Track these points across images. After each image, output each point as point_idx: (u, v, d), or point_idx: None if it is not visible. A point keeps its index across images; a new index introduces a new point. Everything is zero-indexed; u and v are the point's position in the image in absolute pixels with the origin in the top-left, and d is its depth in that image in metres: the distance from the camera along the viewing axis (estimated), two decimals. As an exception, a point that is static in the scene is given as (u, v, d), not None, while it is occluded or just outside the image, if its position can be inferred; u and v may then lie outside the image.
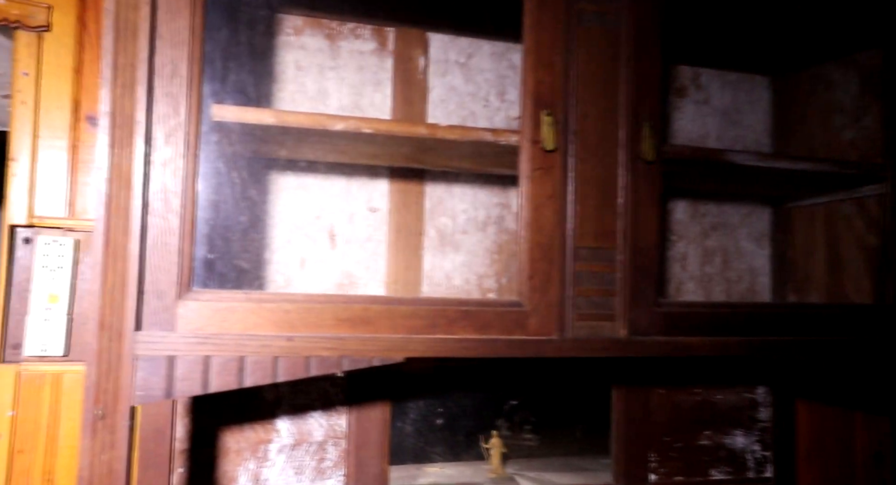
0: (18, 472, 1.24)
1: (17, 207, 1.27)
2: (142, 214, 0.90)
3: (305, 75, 1.37)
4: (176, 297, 0.91)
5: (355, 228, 1.39)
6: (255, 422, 1.33)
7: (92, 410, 0.87)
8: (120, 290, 0.89)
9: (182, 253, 0.92)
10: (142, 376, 0.89)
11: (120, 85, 0.89)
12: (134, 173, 0.90)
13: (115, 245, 0.89)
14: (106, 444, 0.87)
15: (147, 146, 0.91)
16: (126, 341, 0.88)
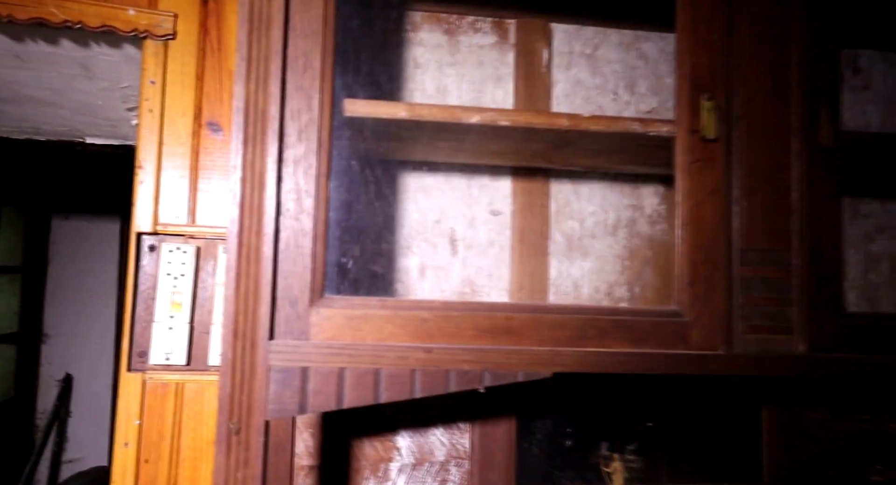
0: (144, 482, 1.22)
1: (143, 214, 1.27)
2: (275, 215, 0.85)
3: (424, 73, 1.30)
4: (309, 303, 0.85)
5: (477, 232, 1.30)
6: (375, 438, 1.26)
7: (226, 423, 0.82)
8: (253, 296, 0.83)
9: (315, 256, 0.85)
10: (275, 388, 0.83)
11: (254, 79, 0.85)
12: (267, 172, 0.85)
13: (248, 248, 0.84)
14: (240, 461, 0.81)
15: (280, 143, 0.85)
16: (260, 351, 0.83)
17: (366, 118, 0.95)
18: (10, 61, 1.40)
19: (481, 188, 1.31)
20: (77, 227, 4.18)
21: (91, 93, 1.58)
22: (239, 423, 0.82)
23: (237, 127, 0.84)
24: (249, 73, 0.85)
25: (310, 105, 0.86)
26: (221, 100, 1.32)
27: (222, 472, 0.81)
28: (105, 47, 1.36)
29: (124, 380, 1.24)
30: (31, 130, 1.83)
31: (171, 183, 1.29)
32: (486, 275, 1.30)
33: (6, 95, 1.58)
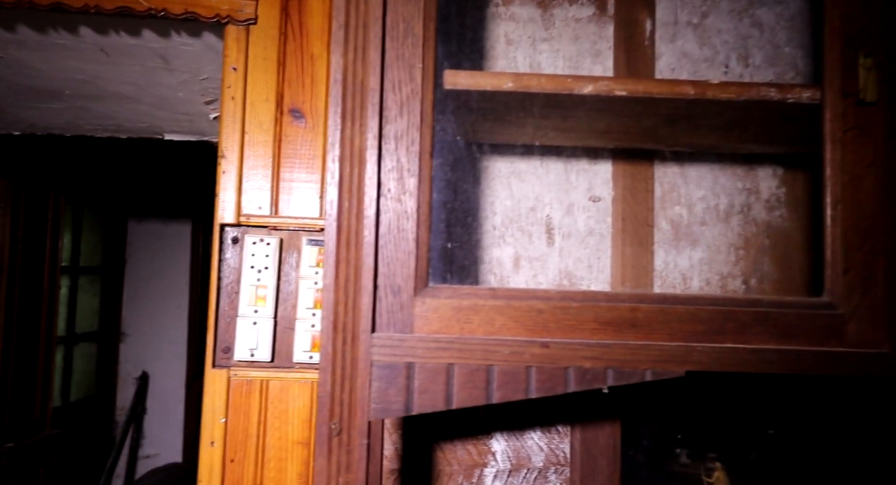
0: (230, 481, 1.18)
1: (226, 205, 1.23)
2: (376, 196, 0.77)
3: (516, 49, 1.21)
4: (413, 293, 0.77)
5: (575, 220, 1.20)
6: (468, 441, 1.17)
7: (327, 424, 0.75)
8: (354, 284, 0.76)
9: (419, 241, 0.78)
10: (378, 386, 0.76)
11: (352, 48, 0.78)
12: (367, 149, 0.77)
13: (348, 232, 0.77)
14: (342, 465, 0.74)
15: (380, 117, 0.78)
16: (362, 345, 0.76)
17: (467, 91, 0.87)
18: (96, 55, 1.40)
19: (579, 173, 1.21)
20: (151, 229, 4.29)
21: (171, 86, 1.56)
22: (340, 423, 0.75)
23: (335, 101, 0.78)
24: (347, 42, 0.78)
25: (411, 75, 0.79)
26: (303, 85, 1.26)
27: (323, 476, 0.74)
28: (185, 37, 1.33)
29: (209, 377, 1.20)
30: (113, 127, 1.84)
31: (253, 173, 1.24)
32: (586, 266, 1.20)
33: (91, 92, 1.59)
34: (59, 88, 1.57)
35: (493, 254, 1.20)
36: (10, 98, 1.62)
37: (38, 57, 1.41)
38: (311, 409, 1.22)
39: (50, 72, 1.48)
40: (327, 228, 0.77)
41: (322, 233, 1.25)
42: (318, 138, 1.26)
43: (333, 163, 0.77)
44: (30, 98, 1.62)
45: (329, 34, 1.28)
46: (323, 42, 1.28)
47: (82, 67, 1.46)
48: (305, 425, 1.21)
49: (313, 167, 1.25)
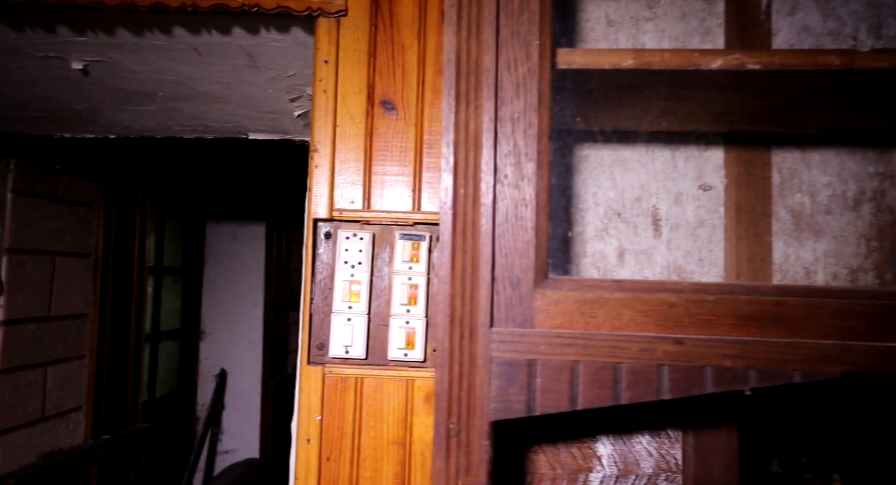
0: (326, 480, 1.16)
1: (319, 200, 1.21)
2: (493, 182, 0.73)
3: (617, 31, 1.15)
4: (533, 285, 0.72)
5: (684, 210, 1.13)
6: (572, 444, 1.11)
7: (445, 424, 0.71)
8: (471, 276, 0.72)
9: (538, 230, 0.73)
10: (498, 384, 0.71)
11: (465, 26, 0.74)
12: (483, 132, 0.73)
13: (464, 221, 0.72)
14: (461, 467, 0.70)
15: (496, 99, 0.73)
16: (480, 340, 0.71)
17: (580, 71, 0.81)
18: (189, 55, 1.41)
19: (688, 160, 1.13)
20: (227, 230, 4.41)
21: (258, 84, 1.57)
22: (459, 424, 0.70)
23: (448, 82, 0.74)
24: (460, 19, 0.74)
25: (527, 54, 0.74)
26: (394, 76, 1.24)
27: (442, 478, 0.70)
28: (274, 33, 1.33)
29: (304, 373, 1.18)
30: (200, 128, 1.88)
31: (345, 167, 1.22)
32: (696, 259, 1.12)
33: (182, 93, 1.62)
34: (153, 90, 1.61)
35: (596, 247, 1.13)
36: (108, 101, 1.67)
37: (134, 59, 1.44)
38: (405, 408, 1.19)
39: (145, 74, 1.52)
40: (442, 217, 0.73)
41: (415, 227, 1.22)
42: (409, 130, 1.23)
43: (447, 147, 0.73)
44: (125, 101, 1.67)
45: (419, 23, 1.25)
46: (413, 31, 1.25)
47: (175, 68, 1.49)
48: (400, 425, 1.18)
49: (405, 160, 1.22)
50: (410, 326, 1.19)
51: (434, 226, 1.23)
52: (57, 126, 1.88)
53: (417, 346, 1.18)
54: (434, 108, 1.23)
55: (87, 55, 1.43)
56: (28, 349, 2.25)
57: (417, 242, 1.21)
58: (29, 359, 2.25)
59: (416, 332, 1.19)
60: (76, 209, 2.51)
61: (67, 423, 2.47)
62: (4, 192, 2.14)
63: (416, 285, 1.20)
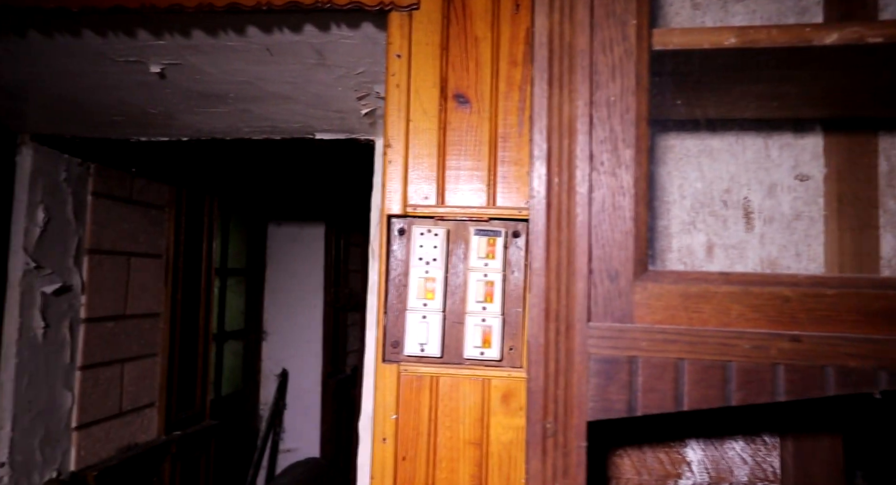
0: (402, 480, 1.14)
1: (392, 196, 1.20)
2: (588, 169, 0.69)
3: (704, 13, 1.09)
4: (632, 278, 0.68)
5: (778, 202, 1.06)
6: (658, 447, 1.06)
7: (540, 423, 0.67)
8: (566, 268, 0.68)
9: (637, 220, 0.68)
10: (596, 382, 0.67)
11: (557, 7, 0.70)
12: (578, 118, 0.69)
13: (558, 211, 0.69)
14: (558, 469, 0.66)
15: (590, 82, 0.70)
16: (577, 336, 0.68)
17: (679, 52, 0.76)
18: (261, 55, 1.43)
19: (783, 148, 1.06)
20: (288, 232, 4.49)
21: (326, 83, 1.58)
22: (556, 423, 0.67)
23: (540, 65, 0.70)
24: (552, 1, 0.71)
25: (624, 34, 0.70)
26: (467, 69, 1.21)
27: (538, 480, 0.67)
28: (345, 29, 1.32)
29: (380, 371, 1.17)
30: (269, 128, 1.91)
31: (418, 162, 1.20)
32: (793, 254, 1.05)
33: (253, 94, 1.64)
34: (225, 92, 1.64)
35: (683, 241, 1.08)
36: (182, 104, 1.72)
37: (208, 61, 1.47)
38: (482, 408, 1.16)
39: (218, 75, 1.54)
40: (535, 207, 0.70)
41: (490, 223, 1.19)
42: (483, 124, 1.20)
43: (540, 134, 0.70)
44: (198, 103, 1.70)
45: (492, 14, 1.22)
46: (486, 22, 1.22)
47: (247, 69, 1.51)
48: (477, 425, 1.15)
49: (479, 154, 1.20)
50: (486, 324, 1.16)
51: (510, 222, 1.19)
52: (133, 130, 1.94)
53: (494, 344, 1.15)
54: (508, 101, 1.20)
55: (165, 58, 1.46)
56: (106, 346, 2.33)
57: (493, 238, 1.18)
58: (107, 356, 2.33)
59: (492, 330, 1.16)
60: (149, 211, 2.59)
61: (142, 418, 2.55)
62: (85, 195, 2.23)
63: (492, 282, 1.17)
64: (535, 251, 0.69)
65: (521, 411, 1.15)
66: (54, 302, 2.08)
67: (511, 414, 1.15)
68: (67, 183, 2.13)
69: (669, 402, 0.67)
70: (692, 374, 0.67)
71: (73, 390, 2.17)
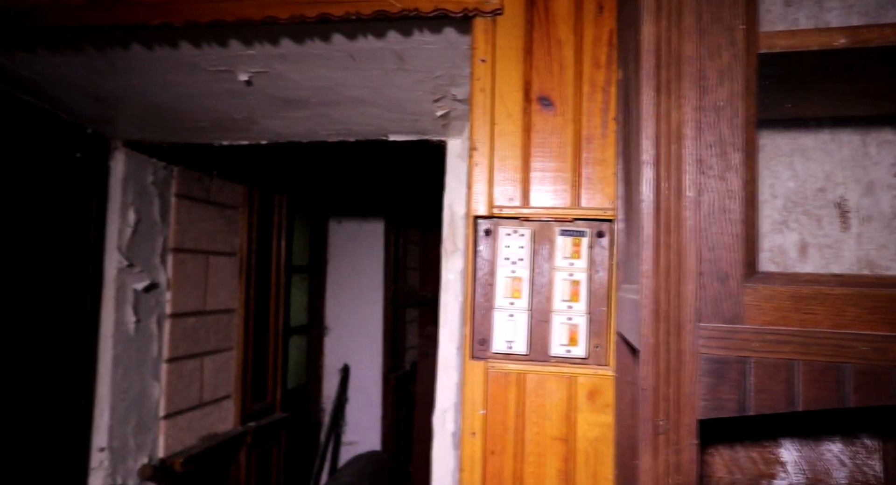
0: (491, 474, 1.18)
1: (478, 197, 1.23)
2: (697, 173, 0.70)
3: (797, 10, 1.08)
4: (742, 279, 0.69)
5: (877, 201, 1.04)
6: (751, 447, 1.06)
7: (651, 420, 0.69)
8: (675, 270, 0.70)
9: (746, 222, 0.70)
10: (707, 382, 0.69)
11: (664, 15, 0.72)
12: (686, 123, 0.71)
13: (667, 214, 0.71)
14: (671, 466, 0.68)
15: (698, 88, 0.71)
16: (687, 336, 0.69)
17: (784, 54, 0.77)
18: (344, 62, 1.48)
19: (882, 145, 1.04)
20: (348, 229, 4.59)
21: (404, 87, 1.62)
22: (667, 421, 0.69)
23: (647, 73, 0.72)
24: (659, 9, 0.72)
25: (732, 39, 0.71)
26: (551, 72, 1.23)
27: (650, 475, 0.69)
28: (427, 34, 1.36)
29: (468, 368, 1.21)
30: (344, 131, 1.97)
31: (503, 164, 1.23)
32: (893, 253, 1.03)
33: (332, 98, 1.70)
34: (306, 97, 1.70)
35: (775, 241, 1.07)
36: (265, 110, 1.79)
37: (293, 68, 1.53)
38: (568, 405, 1.18)
39: (301, 82, 1.61)
40: (644, 210, 0.72)
41: (575, 223, 1.21)
42: (567, 126, 1.22)
43: (648, 140, 0.72)
44: (281, 108, 1.78)
45: (575, 17, 1.23)
46: (569, 25, 1.24)
47: (329, 75, 1.56)
48: (563, 422, 1.18)
49: (563, 156, 1.22)
50: (573, 323, 1.18)
51: (594, 222, 1.21)
52: (216, 134, 2.03)
53: (580, 342, 1.17)
54: (592, 103, 1.22)
55: (253, 67, 1.53)
56: (188, 341, 2.45)
57: (578, 238, 1.20)
58: (189, 349, 2.46)
59: (578, 328, 1.18)
60: (224, 211, 2.70)
61: (220, 410, 2.67)
62: (169, 196, 2.35)
63: (578, 282, 1.19)
64: (644, 254, 0.71)
65: (607, 409, 1.16)
66: (144, 298, 2.21)
67: (597, 411, 1.17)
68: (154, 185, 2.25)
69: (782, 402, 0.68)
70: (806, 375, 0.67)
71: (160, 382, 2.30)
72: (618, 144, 1.17)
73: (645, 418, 0.70)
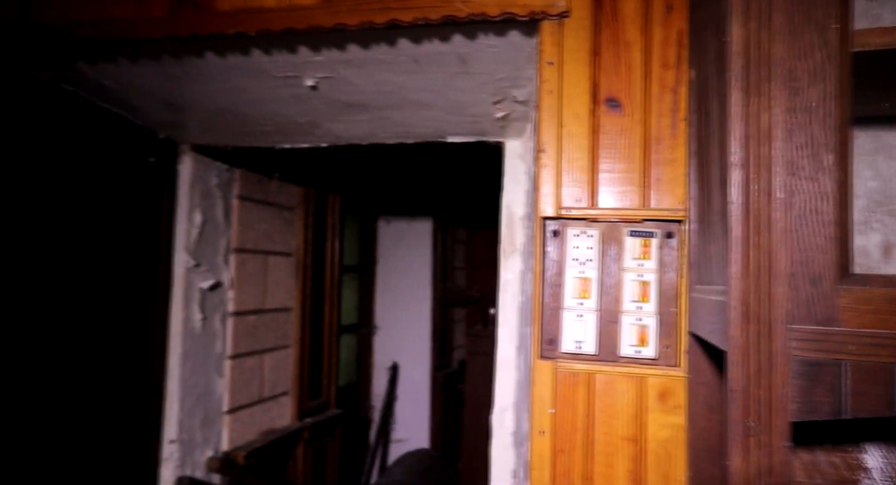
0: (560, 472, 1.19)
1: (546, 199, 1.24)
2: (787, 175, 0.70)
3: (881, 5, 1.05)
4: (835, 281, 0.69)
5: (965, 200, 1.01)
6: (831, 451, 1.04)
7: (741, 422, 0.69)
8: (766, 272, 0.70)
9: (839, 224, 0.69)
10: (800, 384, 0.69)
11: (753, 16, 0.72)
12: (775, 125, 0.71)
13: (756, 216, 0.71)
14: (763, 468, 0.68)
15: (788, 89, 0.71)
16: (778, 338, 0.69)
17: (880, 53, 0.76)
18: (408, 66, 1.51)
19: (970, 143, 1.01)
20: (397, 228, 4.64)
21: (465, 90, 1.64)
22: (758, 422, 0.69)
23: (735, 75, 0.72)
24: (748, 10, 0.72)
25: (825, 39, 0.70)
26: (618, 73, 1.23)
27: (740, 478, 0.69)
28: (492, 37, 1.37)
29: (536, 367, 1.22)
30: (403, 134, 2.00)
31: (570, 166, 1.24)
32: (983, 255, 1.00)
33: (394, 102, 1.73)
34: (368, 101, 1.74)
35: (856, 242, 1.05)
36: (328, 114, 1.84)
37: (358, 73, 1.57)
38: (637, 405, 1.18)
39: (365, 86, 1.65)
40: (731, 212, 0.72)
41: (644, 224, 1.21)
42: (635, 127, 1.22)
43: (736, 142, 0.72)
44: (343, 112, 1.82)
45: (643, 18, 1.23)
46: (637, 26, 1.23)
47: (393, 79, 1.60)
48: (633, 422, 1.18)
49: (632, 157, 1.22)
50: (642, 323, 1.18)
51: (663, 223, 1.21)
52: (279, 138, 2.09)
53: (650, 343, 1.17)
54: (661, 103, 1.21)
55: (320, 72, 1.58)
56: (249, 338, 2.53)
57: (647, 238, 1.20)
58: (250, 346, 2.53)
59: (648, 329, 1.18)
60: (282, 212, 2.78)
61: (278, 405, 2.74)
62: (231, 198, 2.43)
63: (647, 282, 1.19)
64: (733, 256, 0.71)
65: (678, 410, 1.16)
66: (209, 297, 2.29)
67: (668, 412, 1.17)
68: (218, 188, 2.33)
69: (882, 406, 0.67)
70: (903, 378, 0.66)
71: (223, 378, 2.38)
72: (689, 145, 1.16)
73: (734, 420, 0.70)
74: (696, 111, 1.11)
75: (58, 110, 1.69)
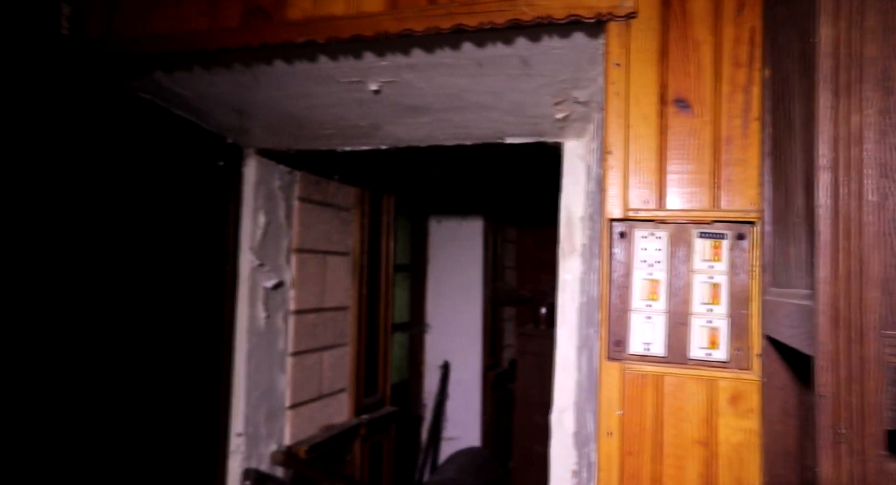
0: (628, 474, 1.19)
1: (613, 200, 1.24)
2: (879, 177, 0.69)
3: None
4: (931, 287, 0.67)
5: None
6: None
7: (830, 428, 0.68)
8: (856, 276, 0.69)
9: (936, 228, 0.67)
10: (894, 391, 0.67)
11: (844, 16, 0.71)
12: (867, 126, 0.69)
13: (846, 219, 0.70)
14: (855, 477, 0.67)
15: (882, 90, 0.69)
16: (871, 344, 0.68)
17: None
18: (470, 69, 1.53)
19: None
20: (448, 227, 4.67)
21: (526, 91, 1.65)
22: (851, 429, 0.68)
23: (825, 76, 0.71)
24: (838, 10, 0.71)
25: (920, 38, 0.69)
26: (687, 73, 1.22)
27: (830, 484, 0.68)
28: (556, 39, 1.38)
29: (604, 369, 1.22)
30: (463, 135, 2.02)
31: (637, 167, 1.23)
32: None
33: (455, 104, 1.75)
34: (429, 104, 1.77)
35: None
36: (389, 117, 1.87)
37: (421, 77, 1.60)
38: (708, 408, 1.17)
39: (427, 90, 1.67)
40: (820, 215, 0.71)
41: (714, 226, 1.20)
42: (705, 127, 1.21)
43: (825, 144, 0.71)
44: (404, 115, 1.85)
45: (713, 16, 1.22)
46: (706, 25, 1.22)
47: (455, 82, 1.61)
48: (703, 425, 1.17)
49: (701, 158, 1.20)
50: (713, 326, 1.17)
51: (734, 224, 1.19)
52: (340, 141, 2.14)
53: (721, 345, 1.16)
54: (732, 103, 1.20)
55: (383, 77, 1.61)
56: (309, 336, 2.60)
57: (718, 240, 1.18)
58: (310, 344, 2.60)
59: (719, 331, 1.16)
60: (339, 213, 2.84)
61: (337, 402, 2.81)
62: (292, 200, 2.50)
63: (718, 284, 1.17)
64: (821, 260, 0.70)
65: (751, 414, 1.14)
66: (272, 295, 2.36)
67: (740, 416, 1.15)
68: (280, 190, 2.40)
69: (981, 414, 0.65)
70: None
71: (286, 374, 2.45)
72: (763, 145, 1.14)
73: (824, 426, 0.69)
74: (771, 111, 1.09)
75: (137, 118, 1.78)
